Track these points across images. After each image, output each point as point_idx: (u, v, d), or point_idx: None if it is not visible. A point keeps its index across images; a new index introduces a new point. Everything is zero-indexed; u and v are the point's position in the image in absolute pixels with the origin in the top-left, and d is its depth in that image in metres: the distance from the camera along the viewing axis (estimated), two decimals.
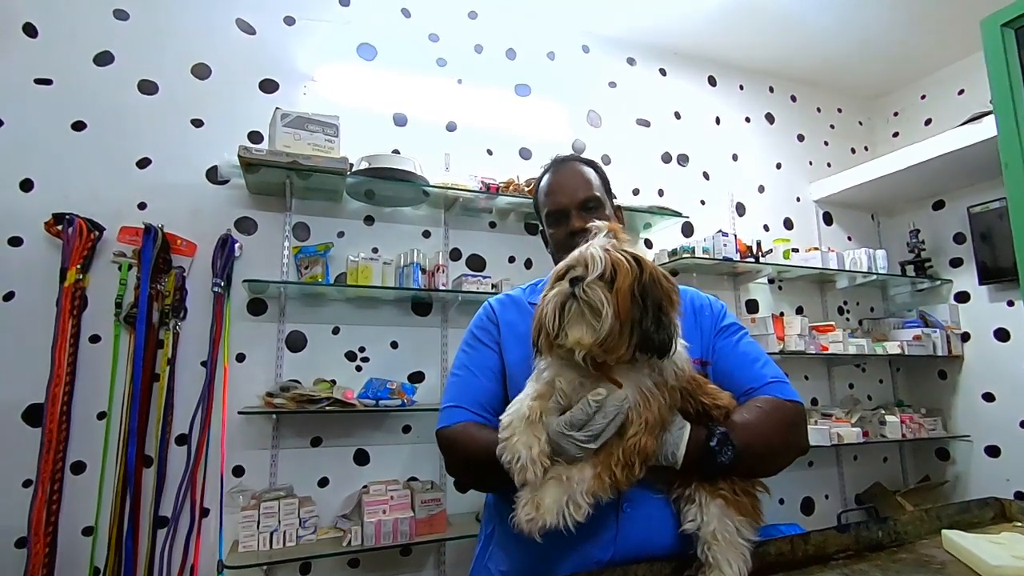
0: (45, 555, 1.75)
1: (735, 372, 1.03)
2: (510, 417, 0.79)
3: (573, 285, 0.78)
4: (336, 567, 2.12)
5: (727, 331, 1.10)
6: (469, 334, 1.14)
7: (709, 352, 1.07)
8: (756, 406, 0.94)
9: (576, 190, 1.14)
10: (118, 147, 2.10)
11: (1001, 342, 2.96)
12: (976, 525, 1.10)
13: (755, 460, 0.88)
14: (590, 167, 1.20)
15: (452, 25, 2.72)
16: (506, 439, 0.77)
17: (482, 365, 1.07)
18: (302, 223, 2.30)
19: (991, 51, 1.49)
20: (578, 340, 0.76)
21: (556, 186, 1.16)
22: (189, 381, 2.05)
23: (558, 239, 1.14)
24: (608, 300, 0.75)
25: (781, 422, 0.94)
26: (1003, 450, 2.92)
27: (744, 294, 3.11)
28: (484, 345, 1.10)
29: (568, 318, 0.78)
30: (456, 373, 1.09)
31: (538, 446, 0.75)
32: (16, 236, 1.94)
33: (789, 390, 1.00)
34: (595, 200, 1.14)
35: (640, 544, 0.90)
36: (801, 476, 3.04)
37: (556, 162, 1.21)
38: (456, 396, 1.04)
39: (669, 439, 0.82)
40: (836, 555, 0.96)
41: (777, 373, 1.03)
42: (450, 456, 1.01)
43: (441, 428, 1.02)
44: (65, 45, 2.08)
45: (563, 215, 1.14)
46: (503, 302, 1.17)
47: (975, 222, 3.02)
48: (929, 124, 3.38)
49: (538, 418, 0.78)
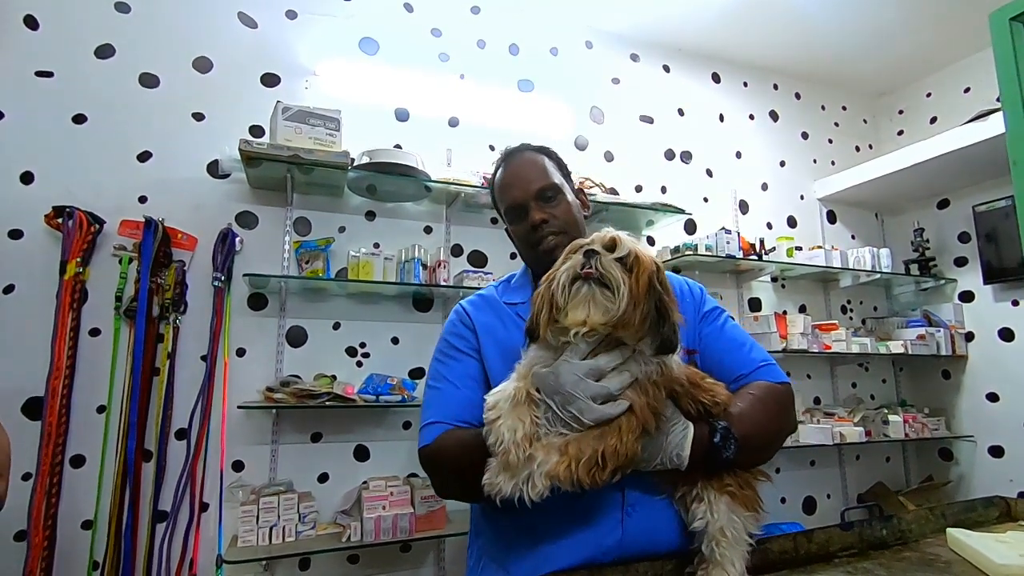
0: (44, 548, 1.75)
1: (724, 359, 1.01)
2: (496, 398, 0.76)
3: (588, 257, 0.76)
4: (335, 563, 2.12)
5: (711, 316, 1.08)
6: (444, 342, 1.06)
7: (695, 340, 1.04)
8: (750, 394, 0.93)
9: (530, 181, 1.08)
10: (119, 140, 2.09)
11: (1006, 342, 2.94)
12: (981, 524, 1.08)
13: (755, 450, 0.87)
14: (542, 154, 1.14)
15: (455, 20, 2.71)
16: (492, 421, 0.74)
17: (463, 375, 0.99)
18: (303, 218, 2.30)
19: (999, 45, 1.48)
20: (583, 320, 0.75)
21: (510, 180, 1.10)
22: (189, 375, 2.05)
23: (520, 234, 1.10)
24: (624, 280, 0.74)
25: (775, 408, 0.94)
26: (1007, 450, 2.90)
27: (747, 292, 3.09)
28: (462, 353, 1.02)
29: (574, 298, 0.76)
30: (434, 386, 1.01)
31: (522, 429, 0.73)
32: (16, 229, 1.93)
33: (778, 372, 1.01)
34: (552, 188, 1.08)
35: (644, 549, 0.88)
36: (803, 475, 3.03)
37: (506, 155, 1.15)
38: (438, 412, 0.96)
39: (672, 440, 0.80)
40: (840, 553, 0.95)
41: (764, 356, 1.03)
42: (438, 470, 0.94)
43: (423, 447, 0.94)
44: (66, 38, 2.07)
45: (521, 209, 1.08)
46: (476, 304, 1.10)
47: (980, 221, 3.00)
48: (934, 122, 3.36)
49: (524, 399, 0.75)
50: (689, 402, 0.84)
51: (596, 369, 0.74)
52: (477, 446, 0.79)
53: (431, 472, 0.95)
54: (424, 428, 0.95)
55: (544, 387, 0.76)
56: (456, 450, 0.89)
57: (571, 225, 1.07)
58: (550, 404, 0.74)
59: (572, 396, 0.73)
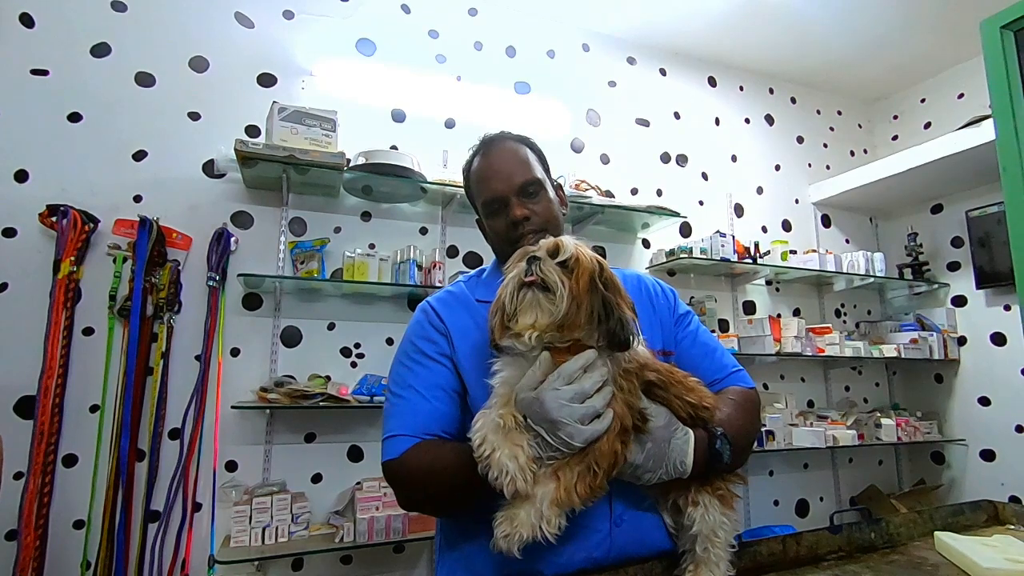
0: (36, 548, 1.74)
1: (699, 363, 1.02)
2: (482, 432, 0.74)
3: (530, 264, 0.79)
4: (328, 563, 2.11)
5: (684, 320, 1.09)
6: (410, 344, 0.98)
7: (671, 342, 1.05)
8: (731, 399, 0.96)
9: (512, 174, 1.01)
10: (114, 139, 2.09)
11: (998, 346, 2.96)
12: (969, 527, 1.09)
13: (740, 453, 0.89)
14: (524, 145, 1.07)
15: (452, 22, 2.71)
16: (487, 456, 0.71)
17: (430, 384, 0.92)
18: (298, 218, 2.29)
19: (990, 53, 1.49)
20: (531, 325, 0.76)
21: (490, 171, 1.03)
22: (183, 375, 2.04)
23: (498, 230, 1.03)
24: (564, 282, 0.76)
25: (752, 412, 0.99)
26: (998, 454, 2.92)
27: (741, 295, 3.10)
28: (430, 359, 0.94)
29: (521, 304, 0.78)
30: (399, 394, 0.93)
31: (523, 453, 0.71)
32: (10, 227, 1.93)
33: (746, 377, 1.05)
34: (535, 183, 1.02)
35: (632, 557, 0.88)
36: (796, 478, 3.04)
37: (485, 143, 1.08)
38: (402, 423, 0.89)
39: (674, 447, 0.80)
40: (828, 556, 0.96)
41: (734, 362, 1.07)
42: (405, 485, 0.87)
43: (388, 461, 0.87)
44: (62, 36, 2.07)
45: (501, 203, 1.01)
46: (445, 302, 1.02)
47: (973, 226, 3.02)
48: (929, 127, 3.38)
49: (513, 425, 0.74)
50: (678, 403, 0.85)
51: (581, 392, 0.74)
52: (456, 465, 0.78)
53: (397, 487, 0.89)
54: (388, 440, 0.89)
55: (530, 415, 0.74)
56: (429, 467, 0.85)
57: (551, 222, 1.03)
58: (538, 431, 0.73)
59: (560, 422, 0.72)
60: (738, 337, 2.74)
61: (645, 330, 1.00)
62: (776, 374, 3.07)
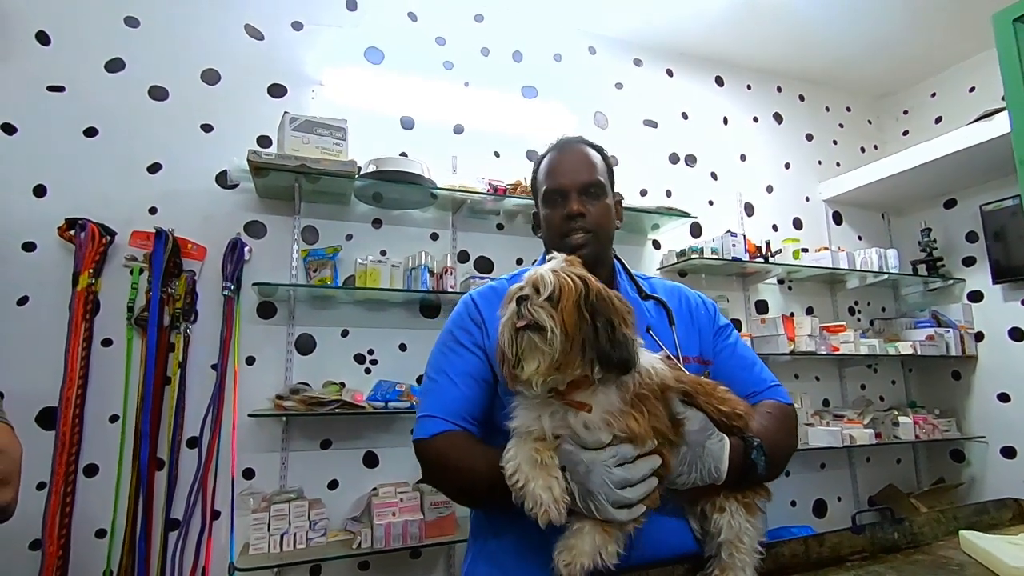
0: (59, 557, 1.77)
1: (736, 375, 1.05)
2: (516, 462, 0.76)
3: (519, 304, 0.78)
4: (346, 569, 2.12)
5: (724, 333, 1.11)
6: (447, 333, 1.05)
7: (709, 352, 1.08)
8: (768, 412, 0.97)
9: (579, 172, 1.06)
10: (129, 153, 2.12)
11: (1016, 341, 2.92)
12: (994, 526, 1.08)
13: (775, 466, 0.89)
14: (596, 152, 1.12)
15: (459, 28, 2.73)
16: (521, 487, 0.74)
17: (461, 371, 0.98)
18: (311, 226, 2.32)
19: (1003, 46, 1.48)
20: (535, 371, 0.75)
21: (559, 165, 1.08)
22: (200, 384, 2.07)
23: (552, 220, 1.07)
24: (555, 318, 0.75)
25: (789, 426, 0.99)
26: (1019, 451, 2.88)
27: (753, 295, 3.09)
28: (464, 348, 1.00)
29: (522, 349, 0.76)
30: (433, 377, 1.01)
31: (557, 486, 0.73)
32: (30, 241, 1.96)
33: (785, 393, 1.06)
34: (597, 185, 1.06)
35: (651, 559, 0.88)
36: (813, 478, 3.02)
37: (562, 142, 1.13)
38: (433, 405, 0.96)
39: (709, 452, 0.81)
40: (851, 556, 0.95)
41: (773, 377, 1.08)
42: (440, 475, 0.94)
43: (420, 439, 0.94)
44: (77, 52, 2.11)
45: (562, 196, 1.06)
46: (486, 296, 1.07)
47: (988, 220, 2.98)
48: (940, 122, 3.35)
49: (549, 459, 0.75)
50: (711, 410, 0.85)
51: (625, 480, 0.74)
52: (489, 480, 0.80)
53: (426, 466, 0.94)
54: (422, 419, 0.95)
55: (571, 472, 0.75)
56: (456, 465, 0.90)
57: (602, 228, 1.06)
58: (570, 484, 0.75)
59: (595, 495, 0.73)
60: (751, 337, 2.72)
61: (682, 339, 1.03)
62: (790, 373, 3.05)
